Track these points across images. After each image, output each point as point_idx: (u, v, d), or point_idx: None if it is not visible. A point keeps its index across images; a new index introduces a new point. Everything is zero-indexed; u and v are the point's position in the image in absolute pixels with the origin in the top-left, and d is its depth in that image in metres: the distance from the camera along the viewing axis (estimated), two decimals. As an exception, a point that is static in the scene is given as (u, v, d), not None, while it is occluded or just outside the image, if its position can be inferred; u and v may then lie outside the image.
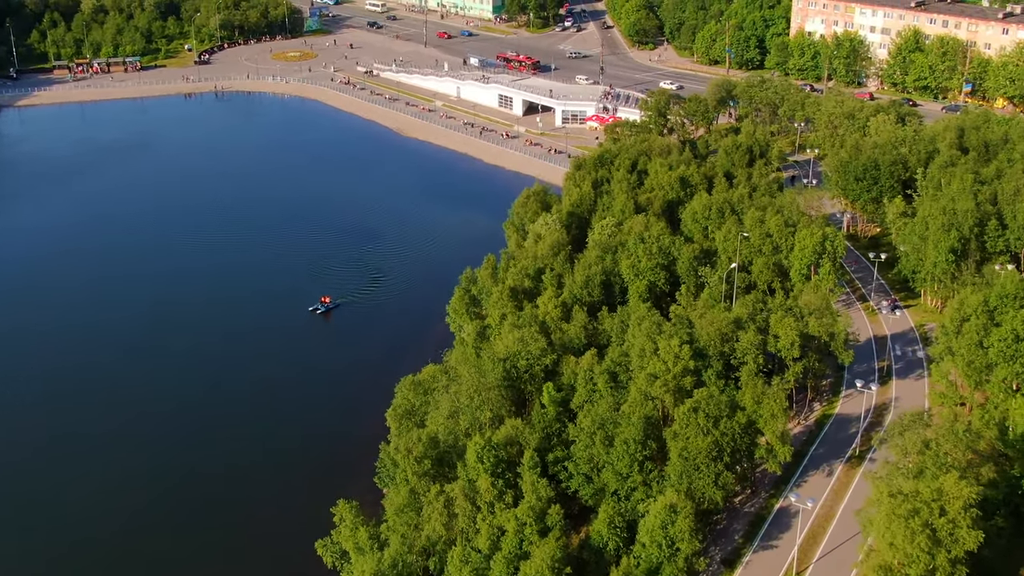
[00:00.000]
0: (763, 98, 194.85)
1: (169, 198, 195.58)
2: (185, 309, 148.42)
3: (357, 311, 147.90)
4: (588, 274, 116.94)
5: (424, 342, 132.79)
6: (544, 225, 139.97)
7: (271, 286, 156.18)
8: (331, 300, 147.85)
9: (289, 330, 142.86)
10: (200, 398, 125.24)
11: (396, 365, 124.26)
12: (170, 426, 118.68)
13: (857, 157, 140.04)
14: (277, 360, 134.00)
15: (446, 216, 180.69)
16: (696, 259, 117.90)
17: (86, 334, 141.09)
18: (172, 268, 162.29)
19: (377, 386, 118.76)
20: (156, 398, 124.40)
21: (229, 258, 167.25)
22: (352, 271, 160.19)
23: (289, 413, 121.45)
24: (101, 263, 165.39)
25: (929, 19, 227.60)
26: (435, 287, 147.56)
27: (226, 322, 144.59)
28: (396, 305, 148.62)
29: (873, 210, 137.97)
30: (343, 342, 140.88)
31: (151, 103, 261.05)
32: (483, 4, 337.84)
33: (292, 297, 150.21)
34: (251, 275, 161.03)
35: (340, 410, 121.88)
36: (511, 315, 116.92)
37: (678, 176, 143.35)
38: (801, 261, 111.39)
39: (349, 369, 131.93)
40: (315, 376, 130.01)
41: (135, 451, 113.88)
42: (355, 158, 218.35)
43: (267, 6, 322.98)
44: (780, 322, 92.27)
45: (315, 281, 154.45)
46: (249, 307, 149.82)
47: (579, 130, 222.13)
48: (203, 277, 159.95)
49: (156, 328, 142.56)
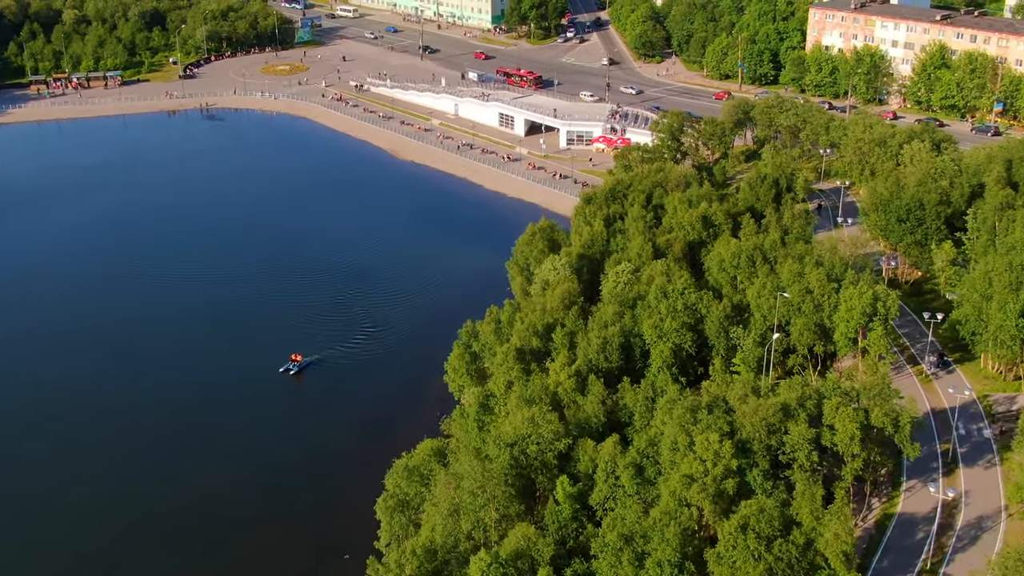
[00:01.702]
0: (783, 120, 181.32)
1: (133, 229, 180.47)
2: (129, 377, 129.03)
3: (340, 368, 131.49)
4: (605, 335, 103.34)
5: (419, 406, 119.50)
6: (552, 270, 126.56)
7: (239, 339, 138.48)
8: (303, 358, 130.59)
9: (254, 398, 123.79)
10: (135, 509, 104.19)
11: (386, 436, 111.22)
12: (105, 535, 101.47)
13: (898, 194, 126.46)
14: (239, 439, 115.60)
15: (443, 251, 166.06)
16: (727, 318, 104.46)
17: (17, 403, 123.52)
18: (123, 316, 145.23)
19: (364, 463, 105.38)
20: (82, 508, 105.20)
21: (191, 303, 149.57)
22: (336, 318, 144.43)
23: (253, 511, 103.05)
24: (51, 308, 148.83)
25: (956, 33, 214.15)
26: (431, 338, 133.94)
27: (178, 390, 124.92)
28: (386, 360, 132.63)
29: (917, 254, 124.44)
30: (320, 408, 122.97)
31: (132, 121, 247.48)
32: (482, 14, 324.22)
33: (262, 353, 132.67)
34: (216, 325, 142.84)
35: (319, 499, 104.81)
36: (518, 383, 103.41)
37: (699, 215, 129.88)
38: (848, 324, 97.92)
39: (330, 442, 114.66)
40: (287, 457, 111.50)
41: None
42: (345, 184, 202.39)
43: (256, 17, 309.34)
44: (837, 412, 78.64)
45: (291, 331, 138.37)
46: (209, 368, 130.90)
47: (585, 152, 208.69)
48: (156, 328, 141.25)
49: (87, 410, 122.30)
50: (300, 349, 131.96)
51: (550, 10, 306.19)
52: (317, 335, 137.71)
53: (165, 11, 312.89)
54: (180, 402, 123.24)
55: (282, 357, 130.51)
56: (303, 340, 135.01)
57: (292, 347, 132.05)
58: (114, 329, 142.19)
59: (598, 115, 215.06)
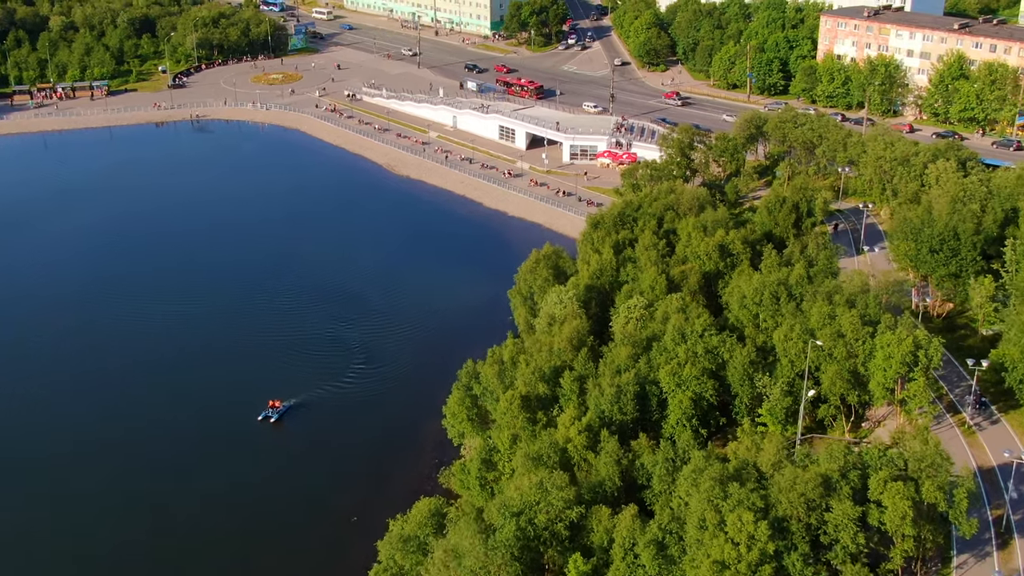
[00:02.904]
0: (798, 136, 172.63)
1: (104, 254, 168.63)
2: (94, 422, 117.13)
3: (326, 412, 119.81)
4: (619, 383, 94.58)
5: (415, 453, 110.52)
6: (559, 303, 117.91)
7: (214, 381, 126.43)
8: (282, 403, 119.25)
9: (228, 453, 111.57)
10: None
11: (378, 489, 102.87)
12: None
13: (929, 223, 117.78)
14: (212, 500, 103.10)
15: (441, 276, 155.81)
16: (751, 364, 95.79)
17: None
18: (87, 358, 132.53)
19: (353, 524, 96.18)
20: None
21: (161, 337, 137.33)
22: (323, 353, 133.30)
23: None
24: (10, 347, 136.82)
25: (974, 43, 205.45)
26: (428, 375, 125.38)
27: (141, 445, 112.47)
28: (378, 401, 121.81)
29: (951, 287, 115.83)
30: (304, 460, 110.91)
31: (119, 133, 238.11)
32: (481, 20, 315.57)
33: (239, 397, 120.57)
34: (189, 363, 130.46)
35: (303, 568, 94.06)
36: (524, 436, 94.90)
37: (716, 244, 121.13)
38: (886, 374, 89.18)
39: (315, 500, 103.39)
40: (266, 520, 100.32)
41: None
42: (337, 202, 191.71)
43: (248, 23, 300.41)
44: (885, 487, 69.88)
45: (273, 370, 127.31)
46: (178, 418, 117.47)
47: (589, 167, 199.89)
48: (126, 369, 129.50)
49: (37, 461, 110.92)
50: (283, 388, 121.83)
51: (551, 16, 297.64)
52: (301, 373, 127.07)
53: (155, 17, 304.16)
54: (143, 459, 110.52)
55: (262, 402, 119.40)
56: (286, 379, 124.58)
57: (273, 387, 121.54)
58: (76, 375, 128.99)
59: (603, 128, 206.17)
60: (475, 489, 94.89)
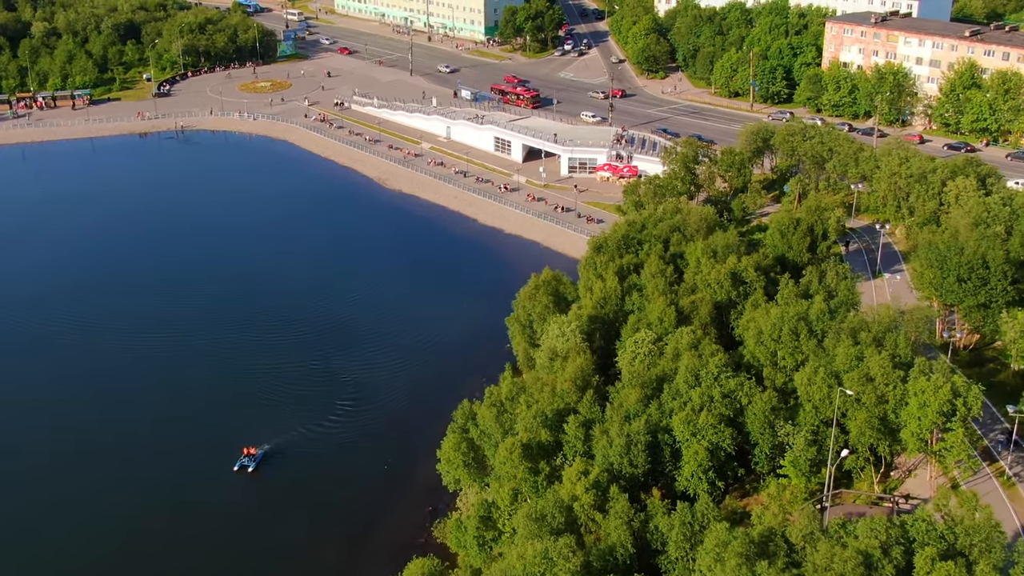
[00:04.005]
0: (807, 149, 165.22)
1: (70, 278, 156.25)
2: (53, 478, 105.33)
3: (308, 456, 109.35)
4: (629, 432, 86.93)
5: (406, 500, 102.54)
6: (560, 336, 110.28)
7: (185, 423, 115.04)
8: (257, 450, 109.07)
9: (199, 510, 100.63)
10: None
11: (366, 543, 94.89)
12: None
13: (957, 250, 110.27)
14: (180, 561, 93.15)
15: (434, 301, 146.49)
16: (772, 410, 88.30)
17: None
18: (46, 403, 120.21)
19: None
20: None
21: (126, 372, 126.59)
22: (305, 389, 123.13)
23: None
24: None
25: (985, 51, 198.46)
26: (420, 411, 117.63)
27: (103, 505, 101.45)
28: (365, 442, 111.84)
29: (980, 318, 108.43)
30: (284, 512, 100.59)
31: (101, 145, 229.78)
32: (474, 25, 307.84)
33: (214, 442, 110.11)
34: (157, 399, 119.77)
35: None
36: (526, 489, 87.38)
37: (728, 272, 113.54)
38: (921, 424, 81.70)
39: (296, 560, 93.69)
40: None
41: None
42: (325, 219, 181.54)
43: (236, 29, 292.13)
44: (933, 566, 62.40)
45: (251, 409, 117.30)
46: (148, 464, 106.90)
47: (588, 181, 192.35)
48: (86, 413, 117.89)
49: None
50: (261, 430, 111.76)
51: (547, 21, 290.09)
52: (281, 413, 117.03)
53: (140, 23, 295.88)
54: (106, 521, 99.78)
55: (238, 447, 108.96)
56: (264, 420, 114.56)
57: (250, 429, 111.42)
58: (34, 422, 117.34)
59: (602, 140, 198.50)
60: (472, 548, 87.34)
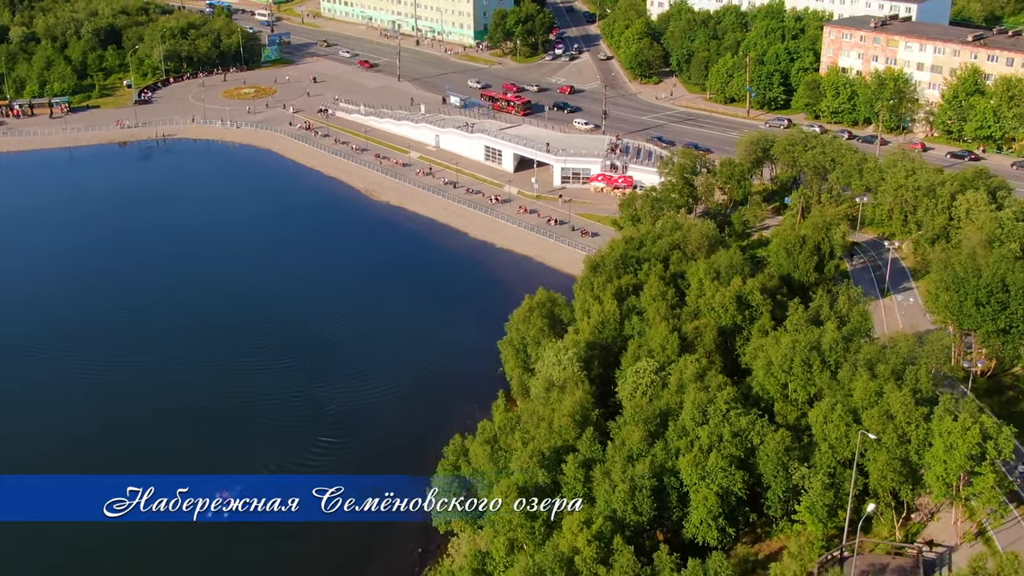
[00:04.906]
0: (809, 160, 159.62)
1: (39, 295, 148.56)
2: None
3: (288, 497, 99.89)
4: (633, 476, 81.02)
5: (392, 541, 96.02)
6: (557, 364, 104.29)
7: (148, 459, 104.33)
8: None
9: (167, 557, 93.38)
10: None
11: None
12: None
13: (975, 272, 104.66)
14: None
15: (423, 321, 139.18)
16: (787, 450, 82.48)
17: None
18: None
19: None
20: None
21: (97, 413, 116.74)
22: (284, 422, 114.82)
23: None
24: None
25: (989, 56, 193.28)
26: (408, 441, 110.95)
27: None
28: (350, 475, 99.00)
29: (999, 344, 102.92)
30: (264, 557, 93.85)
31: (79, 155, 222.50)
32: (464, 29, 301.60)
33: (183, 483, 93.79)
34: (120, 436, 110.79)
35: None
36: (522, 536, 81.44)
37: (733, 295, 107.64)
38: (948, 469, 75.96)
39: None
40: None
41: None
42: (310, 234, 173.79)
43: (219, 34, 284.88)
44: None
45: (224, 445, 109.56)
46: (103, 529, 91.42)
47: (582, 191, 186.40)
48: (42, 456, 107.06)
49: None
50: (234, 468, 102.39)
51: (537, 25, 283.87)
52: (257, 449, 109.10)
53: (121, 27, 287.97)
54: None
55: (205, 491, 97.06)
56: (237, 457, 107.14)
57: (222, 468, 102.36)
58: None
59: (596, 149, 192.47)
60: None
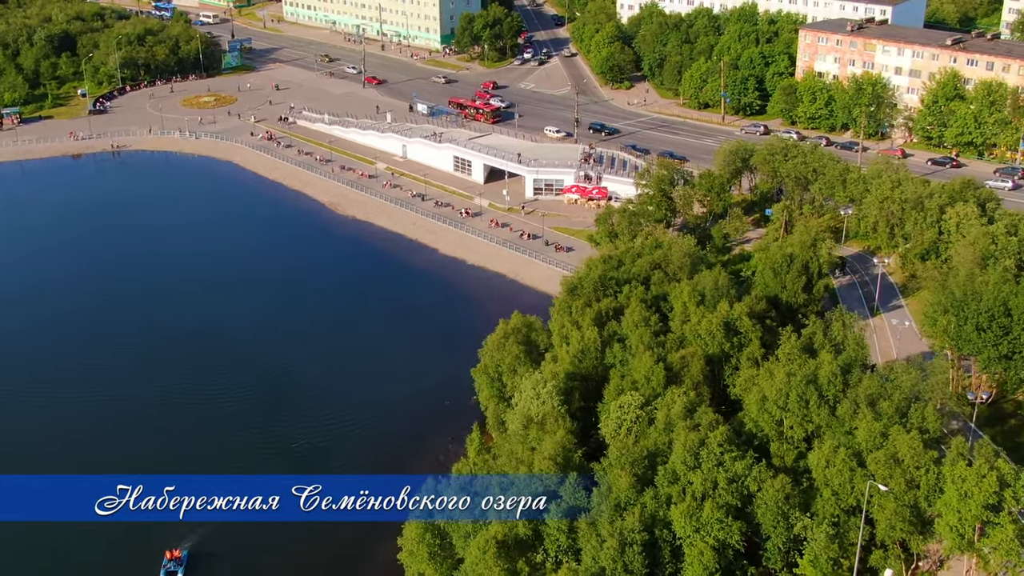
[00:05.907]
0: (790, 170, 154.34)
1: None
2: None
3: (244, 553, 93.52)
4: (622, 529, 74.69)
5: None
6: (535, 398, 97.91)
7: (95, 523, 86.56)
8: (181, 552, 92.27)
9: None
10: None
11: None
12: None
13: (975, 296, 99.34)
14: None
15: (391, 347, 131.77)
16: (787, 498, 76.48)
17: None
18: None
19: None
20: None
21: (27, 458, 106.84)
22: (238, 465, 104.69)
23: None
24: None
25: (968, 60, 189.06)
26: (377, 484, 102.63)
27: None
28: (314, 528, 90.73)
29: (1000, 370, 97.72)
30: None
31: (31, 168, 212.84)
32: (430, 33, 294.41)
33: (133, 540, 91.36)
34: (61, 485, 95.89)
35: None
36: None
37: (720, 322, 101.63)
38: (963, 519, 70.27)
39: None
40: None
41: None
42: (271, 252, 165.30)
43: (178, 40, 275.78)
44: None
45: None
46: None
47: (555, 203, 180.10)
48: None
49: None
50: (185, 527, 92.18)
51: (505, 29, 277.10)
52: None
53: (76, 34, 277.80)
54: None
55: (157, 552, 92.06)
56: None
57: (172, 524, 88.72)
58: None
59: (569, 159, 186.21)
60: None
